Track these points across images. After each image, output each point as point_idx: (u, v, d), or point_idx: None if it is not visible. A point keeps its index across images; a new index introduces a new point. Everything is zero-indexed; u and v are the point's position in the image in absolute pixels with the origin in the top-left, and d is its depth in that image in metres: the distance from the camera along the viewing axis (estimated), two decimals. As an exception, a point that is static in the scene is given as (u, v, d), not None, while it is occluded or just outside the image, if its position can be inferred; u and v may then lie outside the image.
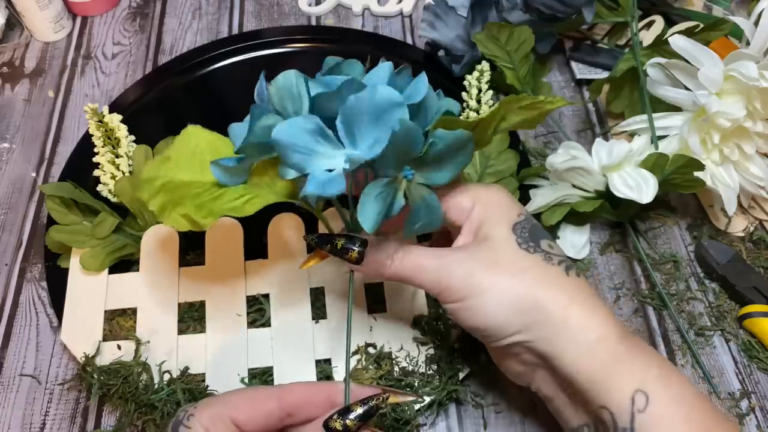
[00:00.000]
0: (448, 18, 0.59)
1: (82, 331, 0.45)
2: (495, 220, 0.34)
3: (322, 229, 0.44)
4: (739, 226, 0.53)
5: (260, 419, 0.32)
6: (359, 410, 0.32)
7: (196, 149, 0.37)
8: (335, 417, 0.31)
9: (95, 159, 0.50)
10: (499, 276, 0.32)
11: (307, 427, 0.32)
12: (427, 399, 0.43)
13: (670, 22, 0.63)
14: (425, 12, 0.59)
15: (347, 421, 0.31)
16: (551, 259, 0.33)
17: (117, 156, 0.50)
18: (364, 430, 0.32)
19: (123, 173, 0.50)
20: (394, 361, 0.44)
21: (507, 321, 0.32)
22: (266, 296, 0.47)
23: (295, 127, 0.30)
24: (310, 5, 0.69)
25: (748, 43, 0.46)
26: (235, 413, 0.31)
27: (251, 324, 0.46)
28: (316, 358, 0.44)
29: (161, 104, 0.59)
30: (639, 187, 0.46)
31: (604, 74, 0.61)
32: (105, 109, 0.52)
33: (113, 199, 0.50)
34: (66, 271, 0.48)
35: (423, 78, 0.32)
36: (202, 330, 0.46)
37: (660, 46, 0.53)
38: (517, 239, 0.33)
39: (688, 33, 0.50)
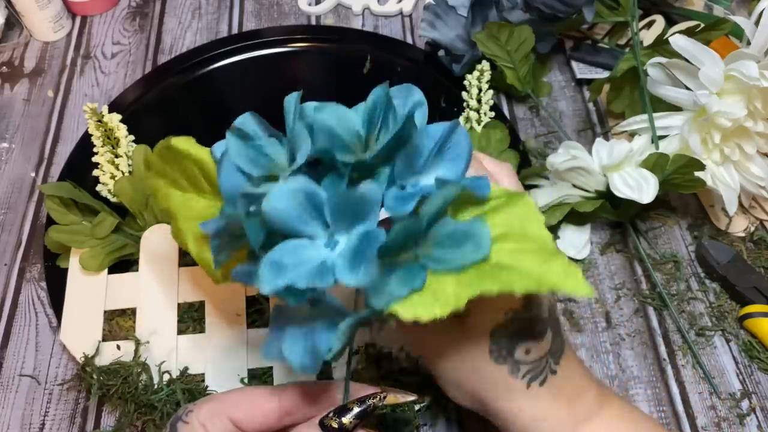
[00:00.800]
0: (449, 17, 0.58)
1: (81, 332, 0.45)
2: (479, 312, 0.33)
3: None
4: (739, 226, 0.52)
5: (259, 418, 0.32)
6: (356, 409, 0.32)
7: (186, 170, 0.35)
8: (331, 415, 0.31)
9: (94, 159, 0.50)
10: (459, 376, 0.34)
11: (304, 425, 0.32)
12: (428, 399, 0.43)
13: (670, 22, 0.63)
14: (425, 11, 0.59)
15: (343, 420, 0.31)
16: (518, 371, 0.33)
17: (116, 156, 0.50)
18: (361, 430, 0.32)
19: (122, 173, 0.50)
20: (394, 362, 0.44)
21: (470, 407, 0.35)
22: (266, 296, 0.46)
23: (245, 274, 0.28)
24: (309, 5, 0.69)
25: (748, 43, 0.46)
26: (233, 412, 0.31)
27: (251, 324, 0.46)
28: (316, 358, 0.44)
29: (161, 104, 0.59)
30: (639, 187, 0.46)
31: (605, 74, 0.61)
32: (104, 109, 0.51)
33: (113, 199, 0.50)
34: (65, 271, 0.48)
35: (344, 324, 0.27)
36: (202, 330, 0.46)
37: (660, 45, 0.53)
38: (491, 346, 0.32)
39: (689, 32, 0.50)
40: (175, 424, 0.31)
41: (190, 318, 0.46)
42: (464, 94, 0.55)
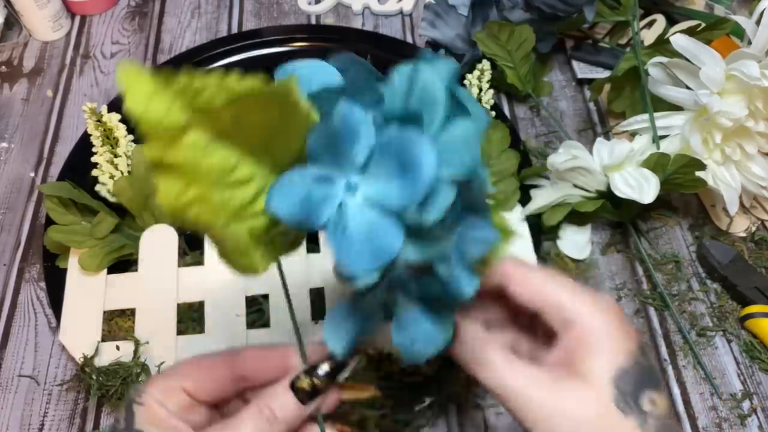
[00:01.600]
0: (449, 17, 0.58)
1: (80, 332, 0.45)
2: (598, 356, 0.28)
3: None
4: (740, 226, 0.52)
5: (211, 385, 0.31)
6: (326, 367, 0.30)
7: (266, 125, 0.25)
8: (302, 376, 0.30)
9: (94, 159, 0.50)
10: None
11: (271, 388, 0.31)
12: (428, 400, 0.43)
13: (671, 21, 0.63)
14: (425, 11, 0.59)
15: (315, 380, 0.30)
16: (646, 423, 0.28)
17: (115, 156, 0.50)
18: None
19: (122, 173, 0.50)
20: (394, 362, 0.44)
21: None
22: (266, 296, 0.46)
23: None
24: (309, 4, 0.69)
25: (749, 43, 0.46)
26: (185, 382, 0.30)
27: (251, 324, 0.46)
28: (315, 358, 0.44)
29: (160, 103, 0.59)
30: (640, 186, 0.46)
31: (606, 73, 0.60)
32: (104, 109, 0.51)
33: (112, 199, 0.50)
34: (64, 271, 0.48)
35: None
36: (201, 331, 0.45)
37: (661, 45, 0.53)
38: (616, 394, 0.28)
39: (690, 32, 0.50)
40: (131, 407, 0.30)
41: (190, 318, 0.46)
42: (464, 93, 0.55)
